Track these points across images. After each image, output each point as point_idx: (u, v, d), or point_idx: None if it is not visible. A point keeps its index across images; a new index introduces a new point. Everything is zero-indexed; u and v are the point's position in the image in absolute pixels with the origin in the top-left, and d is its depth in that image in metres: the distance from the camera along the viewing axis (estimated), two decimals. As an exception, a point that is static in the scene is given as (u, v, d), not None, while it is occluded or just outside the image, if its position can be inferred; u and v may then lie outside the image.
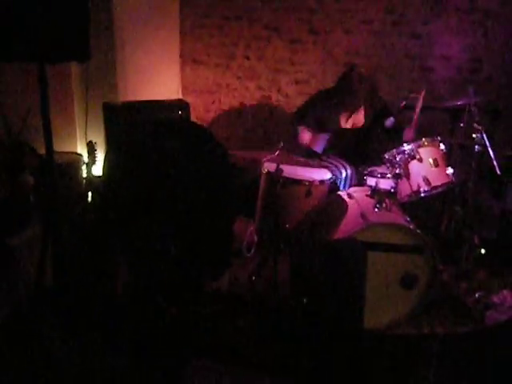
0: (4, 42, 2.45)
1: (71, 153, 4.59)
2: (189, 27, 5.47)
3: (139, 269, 3.17)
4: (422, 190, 3.60)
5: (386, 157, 3.64)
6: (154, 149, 3.28)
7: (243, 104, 5.47)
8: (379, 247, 2.98)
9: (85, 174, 3.77)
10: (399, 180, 3.49)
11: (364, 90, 4.10)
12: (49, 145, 2.73)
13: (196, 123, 4.43)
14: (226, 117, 5.51)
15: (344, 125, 4.22)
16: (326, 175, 3.80)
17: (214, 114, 5.57)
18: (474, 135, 3.62)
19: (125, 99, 4.70)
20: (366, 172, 3.67)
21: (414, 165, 3.62)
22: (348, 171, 4.02)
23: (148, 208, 3.21)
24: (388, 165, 3.61)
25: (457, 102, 3.77)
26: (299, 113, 4.34)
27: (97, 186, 3.38)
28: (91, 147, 3.28)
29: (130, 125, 4.33)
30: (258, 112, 5.41)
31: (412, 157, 3.60)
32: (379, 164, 3.76)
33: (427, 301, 3.26)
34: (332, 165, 4.04)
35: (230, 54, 5.44)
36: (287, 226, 3.58)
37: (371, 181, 3.53)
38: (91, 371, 2.60)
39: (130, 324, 2.91)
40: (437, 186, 3.63)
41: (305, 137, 4.21)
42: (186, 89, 5.61)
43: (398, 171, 3.49)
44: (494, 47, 4.80)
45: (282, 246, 3.51)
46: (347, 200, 3.52)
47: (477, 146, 3.63)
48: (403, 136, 3.96)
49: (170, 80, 5.49)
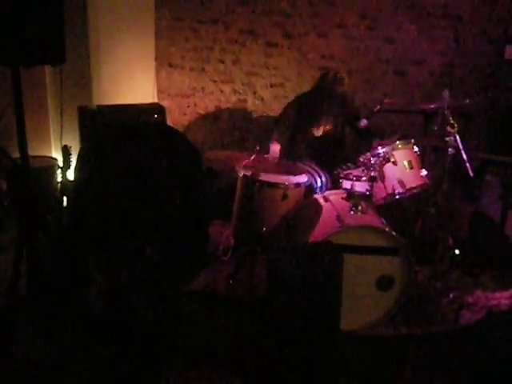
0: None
1: (46, 157, 4.54)
2: (164, 31, 5.45)
3: (114, 272, 3.14)
4: (397, 192, 3.64)
5: (361, 160, 3.67)
6: (127, 153, 3.26)
7: (219, 107, 5.47)
8: (355, 250, 3.01)
9: (60, 179, 3.73)
10: (374, 183, 3.52)
11: (338, 96, 4.16)
12: (23, 149, 2.70)
13: (170, 127, 4.43)
14: (202, 120, 5.51)
15: (316, 132, 4.26)
16: (302, 178, 3.83)
17: (190, 117, 5.56)
18: (447, 138, 3.67)
19: (100, 103, 4.67)
20: (342, 175, 3.70)
21: (388, 167, 3.66)
22: (323, 178, 4.06)
23: (121, 212, 3.20)
24: (363, 168, 3.64)
25: (430, 105, 3.83)
26: (275, 124, 4.40)
27: (72, 191, 3.35)
28: (66, 151, 3.24)
29: (105, 129, 4.31)
30: (233, 115, 5.41)
31: (387, 159, 3.64)
32: (354, 167, 3.80)
33: (403, 302, 3.30)
34: (308, 169, 4.07)
35: (206, 58, 5.44)
36: (264, 229, 3.59)
37: (347, 184, 3.56)
38: (65, 375, 2.58)
39: (105, 330, 2.89)
40: (411, 188, 3.67)
41: (275, 149, 4.24)
42: (161, 92, 5.60)
43: (373, 174, 3.52)
44: (466, 52, 4.88)
45: (259, 249, 3.52)
46: (323, 203, 3.55)
47: (450, 149, 3.68)
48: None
49: (146, 84, 5.46)
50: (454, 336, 3.28)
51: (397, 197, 3.66)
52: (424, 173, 3.72)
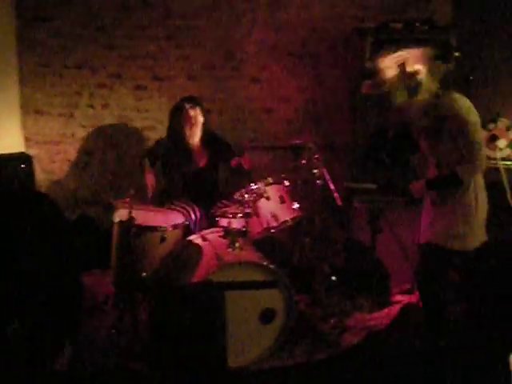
0: None
1: None
2: (28, 77, 5.27)
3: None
4: (272, 226, 3.76)
5: (235, 197, 3.76)
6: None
7: (90, 153, 5.35)
8: (235, 286, 3.04)
9: None
10: (250, 219, 3.61)
11: (205, 134, 4.25)
12: None
13: (24, 188, 4.24)
14: (73, 167, 5.34)
15: (186, 169, 4.30)
16: (179, 219, 3.83)
17: (60, 165, 5.36)
18: (315, 171, 3.85)
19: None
20: (218, 213, 3.75)
21: (262, 203, 3.77)
22: (197, 214, 4.08)
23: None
24: (238, 204, 3.73)
25: (296, 140, 4.01)
26: (146, 154, 4.38)
27: None
28: None
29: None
30: (105, 160, 5.31)
31: (260, 195, 3.75)
32: (230, 204, 3.87)
33: (287, 332, 3.38)
34: (182, 208, 4.08)
35: (74, 103, 5.32)
36: (144, 274, 3.53)
37: (223, 221, 3.62)
38: None
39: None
40: (285, 221, 3.80)
41: (149, 177, 4.23)
42: (28, 140, 5.36)
43: (247, 210, 3.61)
44: (326, 88, 5.17)
45: (140, 295, 3.46)
46: (201, 243, 3.57)
47: (318, 181, 3.86)
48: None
49: (11, 132, 5.22)
50: (336, 360, 3.40)
51: (272, 230, 3.77)
52: (296, 205, 3.87)
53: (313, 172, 3.84)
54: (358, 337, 3.64)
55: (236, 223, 3.55)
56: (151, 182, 4.19)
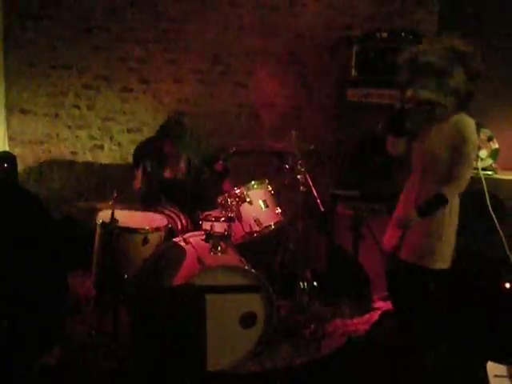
0: None
1: None
2: (14, 76, 5.26)
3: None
4: (254, 230, 3.77)
5: (219, 201, 3.77)
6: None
7: (75, 153, 5.34)
8: (216, 290, 3.06)
9: None
10: (232, 223, 3.62)
11: (184, 137, 4.26)
12: None
13: (10, 186, 4.21)
14: (58, 167, 5.33)
15: (167, 175, 4.30)
16: (162, 222, 3.83)
17: (45, 165, 5.36)
18: (298, 176, 3.87)
19: None
20: (202, 217, 3.76)
21: (245, 207, 3.78)
22: (183, 221, 4.09)
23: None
24: (221, 208, 3.74)
25: (281, 145, 4.03)
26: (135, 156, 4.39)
27: None
28: None
29: None
30: (90, 162, 5.31)
31: (243, 200, 3.77)
32: (214, 208, 3.88)
33: (267, 337, 3.39)
34: (168, 212, 4.08)
35: (60, 103, 5.31)
36: (125, 275, 3.53)
37: (206, 225, 3.62)
38: None
39: None
40: (268, 226, 3.82)
41: (138, 180, 4.23)
42: (13, 140, 5.35)
43: (230, 214, 3.62)
44: (313, 96, 5.21)
45: (122, 296, 3.45)
46: (184, 245, 3.57)
47: (301, 187, 3.88)
48: (223, 186, 4.15)
49: (-5, 131, 5.20)
50: (316, 365, 3.41)
51: (254, 235, 3.79)
52: (279, 210, 3.89)
53: (296, 177, 3.86)
54: (339, 342, 3.65)
55: (219, 227, 3.55)
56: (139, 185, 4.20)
